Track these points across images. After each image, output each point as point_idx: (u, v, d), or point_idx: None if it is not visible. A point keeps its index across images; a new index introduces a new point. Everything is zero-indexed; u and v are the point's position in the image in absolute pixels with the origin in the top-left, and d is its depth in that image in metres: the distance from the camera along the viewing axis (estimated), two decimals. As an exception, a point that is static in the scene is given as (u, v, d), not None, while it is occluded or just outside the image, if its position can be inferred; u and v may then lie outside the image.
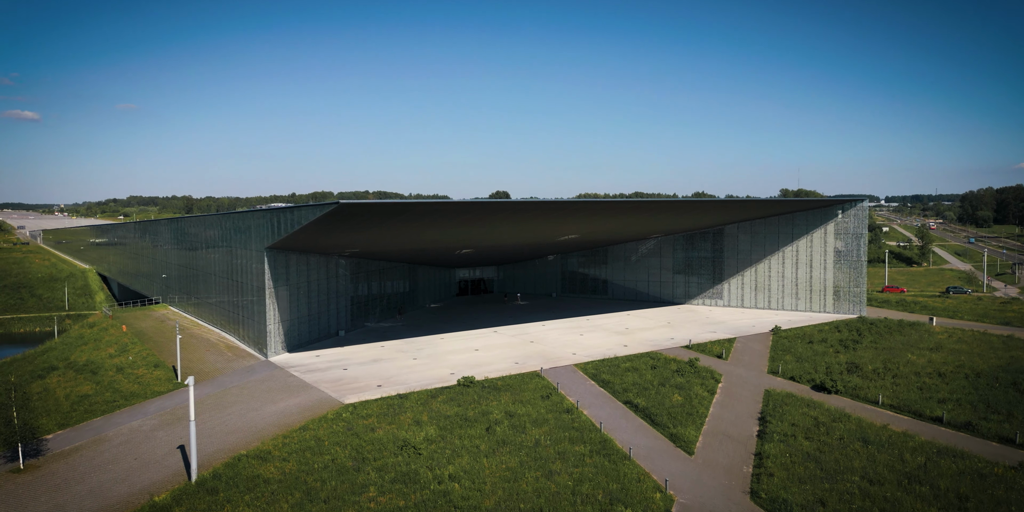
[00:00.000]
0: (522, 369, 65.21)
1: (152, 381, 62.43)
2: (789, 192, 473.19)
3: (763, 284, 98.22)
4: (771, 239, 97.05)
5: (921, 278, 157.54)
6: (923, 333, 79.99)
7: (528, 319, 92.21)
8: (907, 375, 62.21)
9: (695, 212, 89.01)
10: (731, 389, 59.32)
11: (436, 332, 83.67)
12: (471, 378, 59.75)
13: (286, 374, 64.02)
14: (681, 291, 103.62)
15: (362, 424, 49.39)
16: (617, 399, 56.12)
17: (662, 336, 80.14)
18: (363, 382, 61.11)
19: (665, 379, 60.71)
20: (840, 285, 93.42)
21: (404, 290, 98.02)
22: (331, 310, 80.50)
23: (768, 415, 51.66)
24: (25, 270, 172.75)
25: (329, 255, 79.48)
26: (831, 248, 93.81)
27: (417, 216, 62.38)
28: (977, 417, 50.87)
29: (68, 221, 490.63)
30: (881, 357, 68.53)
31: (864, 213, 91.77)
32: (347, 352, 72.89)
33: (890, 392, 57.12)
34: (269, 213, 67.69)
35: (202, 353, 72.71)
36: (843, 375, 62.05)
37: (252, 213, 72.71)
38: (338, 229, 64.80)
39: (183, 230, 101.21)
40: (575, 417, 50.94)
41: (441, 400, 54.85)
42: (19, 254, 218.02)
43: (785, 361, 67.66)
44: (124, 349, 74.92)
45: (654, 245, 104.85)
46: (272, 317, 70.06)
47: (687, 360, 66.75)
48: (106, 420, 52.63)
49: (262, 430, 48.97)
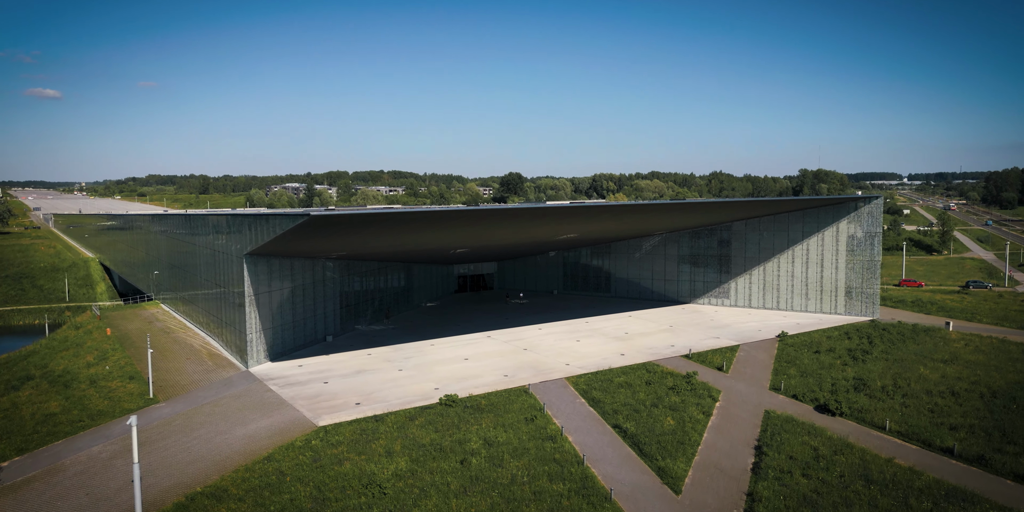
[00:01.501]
0: (510, 383, 62.15)
1: (124, 396, 59.98)
2: (808, 172, 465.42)
3: (772, 283, 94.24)
4: (780, 237, 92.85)
5: (941, 269, 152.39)
6: (938, 341, 75.94)
7: (524, 321, 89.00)
8: (918, 394, 58.46)
9: (697, 213, 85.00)
10: (729, 409, 55.91)
11: (427, 337, 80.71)
12: (454, 397, 56.74)
13: (263, 388, 61.36)
14: (687, 289, 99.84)
15: (330, 454, 46.57)
16: (606, 422, 52.92)
17: (662, 343, 76.66)
18: (342, 398, 58.32)
19: (659, 398, 57.37)
20: (852, 286, 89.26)
21: (398, 289, 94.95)
22: (318, 315, 77.67)
23: (765, 444, 48.29)
24: (29, 259, 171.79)
25: (315, 258, 76.49)
26: (843, 247, 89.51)
27: (395, 224, 59.10)
28: (991, 449, 47.20)
29: (84, 202, 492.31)
30: (891, 371, 64.74)
31: (879, 211, 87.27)
32: (331, 361, 70.12)
33: (898, 416, 53.48)
34: (247, 219, 64.68)
35: (181, 362, 70.22)
36: (849, 394, 58.39)
37: (231, 217, 69.72)
38: (317, 237, 61.71)
39: (171, 227, 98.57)
40: (558, 446, 47.83)
41: (419, 423, 51.92)
42: (27, 240, 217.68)
43: (789, 375, 64.06)
44: (104, 356, 72.65)
45: (659, 242, 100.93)
46: (252, 326, 67.32)
47: (684, 374, 63.36)
48: (67, 444, 50.19)
49: (225, 459, 46.30)
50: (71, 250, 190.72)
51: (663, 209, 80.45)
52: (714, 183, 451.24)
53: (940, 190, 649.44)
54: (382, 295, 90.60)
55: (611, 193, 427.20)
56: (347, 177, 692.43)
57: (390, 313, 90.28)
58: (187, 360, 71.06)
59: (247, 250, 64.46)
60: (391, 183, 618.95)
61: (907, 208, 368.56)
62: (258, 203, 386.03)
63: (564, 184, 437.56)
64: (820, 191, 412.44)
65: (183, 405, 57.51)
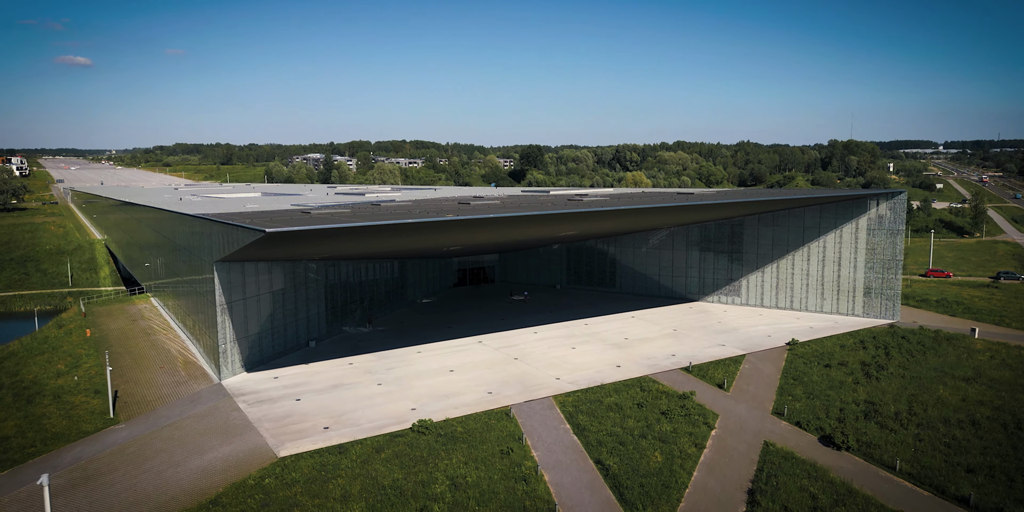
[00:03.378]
0: (493, 402, 58.15)
1: (84, 415, 56.91)
2: (838, 143, 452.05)
3: (785, 282, 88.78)
4: (795, 233, 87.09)
5: (971, 255, 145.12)
6: (961, 352, 70.48)
7: (521, 323, 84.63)
8: (934, 423, 53.49)
9: (699, 213, 79.50)
10: (725, 440, 51.43)
11: (415, 342, 76.75)
12: (428, 422, 52.87)
13: (231, 406, 57.95)
14: (695, 286, 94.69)
15: (282, 497, 43.00)
16: (589, 456, 48.77)
17: (663, 351, 72.05)
18: (311, 421, 54.74)
19: (649, 426, 53.01)
20: (871, 286, 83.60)
21: (391, 286, 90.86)
22: (300, 319, 73.97)
23: (759, 489, 43.84)
24: (36, 240, 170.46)
25: (297, 260, 72.54)
26: (863, 245, 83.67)
27: (360, 235, 54.76)
28: (1011, 499, 42.38)
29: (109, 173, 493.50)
30: (907, 392, 59.65)
31: (902, 207, 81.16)
32: (310, 372, 66.52)
33: (911, 452, 48.68)
34: (215, 225, 60.54)
35: (154, 372, 67.06)
36: (858, 422, 53.59)
37: (200, 221, 65.62)
38: (288, 246, 57.63)
39: (153, 220, 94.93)
40: (531, 489, 43.82)
41: (385, 457, 48.15)
42: (41, 218, 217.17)
43: (794, 396, 59.29)
44: (77, 363, 69.79)
45: (666, 235, 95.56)
46: (226, 336, 63.75)
47: (680, 395, 58.86)
48: (11, 477, 47.10)
49: (170, 501, 42.90)
50: (80, 230, 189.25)
51: (662, 212, 75.02)
52: (739, 155, 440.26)
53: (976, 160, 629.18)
54: (373, 293, 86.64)
55: (634, 165, 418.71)
56: (370, 147, 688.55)
57: (372, 318, 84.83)
58: (160, 369, 67.89)
59: (218, 257, 60.61)
60: (413, 153, 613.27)
61: (940, 182, 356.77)
62: (277, 176, 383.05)
63: (586, 155, 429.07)
64: (850, 164, 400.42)
65: (143, 427, 54.27)
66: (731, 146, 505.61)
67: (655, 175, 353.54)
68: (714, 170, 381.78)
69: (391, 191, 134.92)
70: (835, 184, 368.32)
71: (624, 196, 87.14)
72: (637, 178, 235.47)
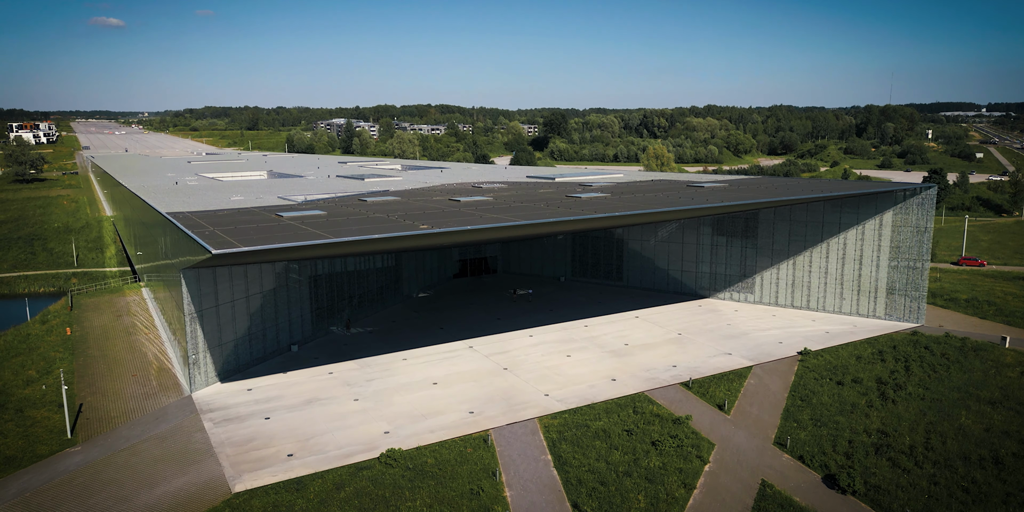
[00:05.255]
0: (473, 426, 54.23)
1: (42, 434, 54.06)
2: (875, 109, 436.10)
3: (802, 280, 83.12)
4: (813, 228, 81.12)
5: (1008, 239, 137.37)
6: (989, 367, 64.89)
7: (517, 324, 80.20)
8: (953, 460, 48.51)
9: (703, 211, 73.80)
10: (718, 479, 47.01)
11: (402, 346, 72.82)
12: (397, 452, 49.11)
13: (195, 426, 54.71)
14: (706, 282, 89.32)
15: (224, 548, 39.65)
16: (567, 497, 44.73)
17: (664, 362, 67.39)
18: (275, 446, 51.32)
19: (636, 460, 48.73)
20: (895, 287, 77.71)
21: (384, 281, 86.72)
22: (280, 323, 70.34)
23: (748, 546, 39.53)
24: (47, 217, 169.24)
25: (275, 262, 68.59)
26: (887, 242, 77.59)
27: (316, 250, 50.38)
28: (1035, 567, 37.61)
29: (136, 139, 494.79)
30: (926, 419, 54.51)
31: (931, 202, 74.77)
32: (286, 383, 63.04)
33: (924, 499, 43.92)
34: (179, 232, 56.51)
35: (124, 382, 64.06)
36: (868, 458, 48.81)
37: (166, 223, 61.67)
38: (245, 259, 53.53)
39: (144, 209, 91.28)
40: (495, 542, 39.97)
41: (344, 497, 44.52)
42: (57, 190, 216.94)
43: (800, 422, 54.49)
44: (48, 369, 67.08)
45: (676, 228, 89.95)
46: (197, 346, 60.32)
47: (675, 419, 54.36)
48: (-51, 512, 44.43)
49: (106, 549, 39.81)
50: (92, 205, 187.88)
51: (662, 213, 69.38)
52: (771, 121, 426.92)
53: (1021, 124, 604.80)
54: (364, 290, 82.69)
55: (662, 131, 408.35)
56: (395, 111, 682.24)
57: (351, 323, 79.68)
58: (132, 378, 64.88)
59: (185, 265, 56.78)
60: (438, 118, 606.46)
61: (980, 151, 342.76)
62: (298, 144, 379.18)
63: (612, 121, 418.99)
64: (886, 131, 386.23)
65: (99, 451, 51.23)
66: (764, 110, 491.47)
67: (682, 144, 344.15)
68: (743, 138, 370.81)
69: (398, 171, 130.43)
70: (869, 152, 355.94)
71: (628, 187, 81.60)
72: (659, 151, 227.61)
